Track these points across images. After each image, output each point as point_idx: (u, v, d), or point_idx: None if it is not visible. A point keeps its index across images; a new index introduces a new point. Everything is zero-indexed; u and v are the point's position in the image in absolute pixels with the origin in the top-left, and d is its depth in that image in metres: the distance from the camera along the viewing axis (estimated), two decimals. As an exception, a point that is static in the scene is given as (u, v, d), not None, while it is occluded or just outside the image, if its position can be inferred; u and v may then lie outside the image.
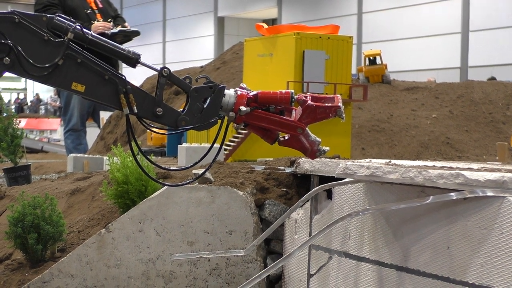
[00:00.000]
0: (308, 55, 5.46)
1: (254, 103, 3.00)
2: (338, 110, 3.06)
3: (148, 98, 2.95)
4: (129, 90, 2.91)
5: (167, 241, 4.18)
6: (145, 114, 2.96)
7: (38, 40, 2.86)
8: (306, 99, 3.04)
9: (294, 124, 3.03)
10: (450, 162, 4.27)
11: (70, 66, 2.88)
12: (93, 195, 4.88)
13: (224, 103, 2.99)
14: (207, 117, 2.98)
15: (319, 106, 3.05)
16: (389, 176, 3.28)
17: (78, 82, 2.90)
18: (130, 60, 2.95)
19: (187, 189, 4.22)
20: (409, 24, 23.88)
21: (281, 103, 3.03)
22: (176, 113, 2.97)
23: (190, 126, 2.98)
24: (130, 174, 4.31)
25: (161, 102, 2.95)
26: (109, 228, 4.14)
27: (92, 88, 2.91)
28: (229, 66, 10.46)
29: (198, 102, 2.97)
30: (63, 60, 2.86)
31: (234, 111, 2.97)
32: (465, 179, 2.98)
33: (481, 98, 8.20)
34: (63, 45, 2.86)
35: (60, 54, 2.86)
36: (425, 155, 6.85)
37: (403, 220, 3.34)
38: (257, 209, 4.37)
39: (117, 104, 2.93)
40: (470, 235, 3.00)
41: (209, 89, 2.98)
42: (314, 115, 3.06)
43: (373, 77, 9.16)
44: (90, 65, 2.89)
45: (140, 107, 2.94)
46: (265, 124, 3.02)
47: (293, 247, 4.14)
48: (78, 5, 8.10)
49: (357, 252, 3.66)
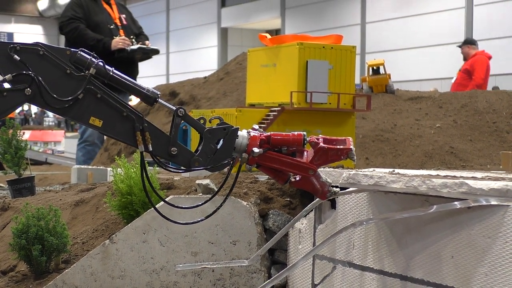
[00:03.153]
0: (311, 65, 5.47)
1: (266, 145, 3.06)
2: (350, 152, 3.14)
3: (163, 137, 3.00)
4: (146, 128, 2.96)
5: (171, 252, 4.18)
6: (160, 152, 3.00)
7: (61, 73, 2.90)
8: (318, 141, 3.11)
9: (306, 166, 3.09)
10: (454, 171, 4.27)
11: (90, 100, 2.92)
12: (97, 206, 4.89)
13: (237, 144, 3.04)
14: (220, 158, 3.04)
15: (331, 148, 3.12)
16: (393, 185, 3.28)
17: (96, 117, 2.93)
18: (149, 99, 3.00)
19: (191, 199, 4.22)
20: (413, 34, 23.92)
21: (293, 145, 3.09)
22: (190, 154, 3.02)
23: (203, 167, 3.03)
24: (134, 185, 4.32)
25: (176, 142, 3.01)
26: (113, 239, 4.14)
27: (110, 123, 2.95)
28: (233, 77, 10.48)
29: (212, 144, 3.02)
30: (83, 94, 2.90)
31: (247, 152, 3.03)
32: (469, 188, 2.98)
33: (485, 107, 8.20)
34: (85, 79, 2.90)
35: (82, 88, 2.89)
36: (429, 165, 6.85)
37: (407, 229, 3.34)
38: (261, 219, 4.37)
39: (132, 141, 2.98)
40: (474, 244, 3.00)
41: (223, 130, 3.03)
42: (325, 157, 3.13)
43: (376, 87, 9.17)
44: (110, 101, 2.93)
45: (155, 146, 2.98)
46: (277, 165, 3.08)
47: (297, 257, 4.14)
48: (102, 20, 8.21)
49: (361, 261, 3.65)
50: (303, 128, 5.56)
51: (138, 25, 8.62)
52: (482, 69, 11.79)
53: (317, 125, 5.60)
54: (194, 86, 10.93)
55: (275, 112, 5.42)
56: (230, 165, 3.09)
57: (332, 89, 5.53)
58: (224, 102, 9.60)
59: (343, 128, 5.68)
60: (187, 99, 10.52)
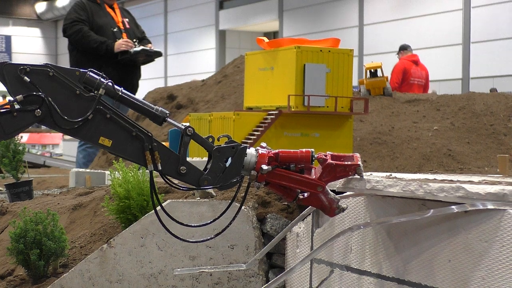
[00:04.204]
0: (309, 69, 5.47)
1: (274, 162, 3.08)
2: (358, 168, 3.19)
3: (172, 156, 3.03)
4: (155, 148, 2.99)
5: (169, 256, 4.19)
6: (169, 171, 3.04)
7: (70, 93, 2.93)
8: (326, 158, 3.14)
9: (314, 183, 3.12)
10: (451, 175, 4.28)
11: (100, 120, 2.95)
12: (95, 210, 4.89)
13: (245, 162, 3.08)
14: (229, 176, 3.08)
15: (339, 164, 3.16)
16: (390, 189, 3.29)
17: (105, 137, 2.96)
18: (158, 118, 3.04)
19: (188, 204, 4.23)
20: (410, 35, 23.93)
21: (302, 162, 3.13)
22: (199, 172, 3.06)
23: (212, 185, 3.07)
24: (132, 189, 4.33)
25: (185, 161, 3.04)
26: (111, 243, 4.15)
27: (119, 143, 2.98)
28: (231, 80, 10.49)
29: (221, 162, 3.06)
30: (93, 115, 2.92)
31: (256, 170, 3.04)
32: (466, 192, 2.99)
33: (482, 109, 8.20)
34: (94, 100, 2.92)
35: (91, 108, 2.91)
36: (427, 167, 6.85)
37: (404, 233, 3.35)
38: (258, 223, 4.38)
39: (141, 160, 3.01)
40: (471, 248, 3.01)
41: (231, 149, 3.07)
42: (334, 174, 3.17)
43: (374, 89, 9.17)
44: (119, 121, 2.96)
45: (164, 165, 3.01)
46: (286, 182, 3.11)
47: (295, 261, 4.15)
48: (105, 23, 8.25)
49: (358, 265, 3.66)
50: (300, 132, 5.57)
51: (141, 29, 8.67)
52: (394, 73, 12.28)
53: (315, 129, 5.61)
54: (192, 89, 10.94)
55: (273, 116, 5.43)
56: (239, 183, 3.12)
57: (330, 93, 5.54)
58: (222, 105, 9.61)
59: (340, 131, 5.69)
60: (184, 102, 10.52)
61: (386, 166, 6.88)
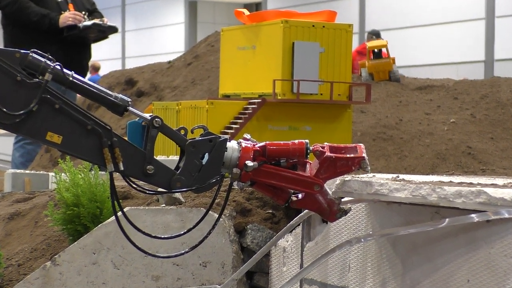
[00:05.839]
0: (298, 48, 5.49)
1: (261, 157, 3.07)
2: (363, 161, 3.19)
3: (137, 153, 3.02)
4: (115, 143, 2.99)
5: (127, 276, 4.19)
6: (133, 172, 3.03)
7: (9, 80, 2.90)
8: (324, 150, 3.13)
9: (310, 181, 3.12)
10: (471, 177, 4.31)
11: (47, 113, 2.93)
12: (36, 220, 4.89)
13: (226, 158, 3.08)
14: (206, 176, 3.07)
15: (339, 157, 3.15)
16: (397, 194, 3.31)
17: (54, 132, 2.95)
18: (118, 107, 3.03)
19: (151, 212, 4.24)
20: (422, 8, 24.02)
21: (294, 156, 3.13)
22: (170, 172, 3.05)
23: (186, 188, 3.06)
24: (82, 194, 4.33)
25: (153, 159, 3.03)
26: (56, 260, 4.15)
27: (71, 139, 2.96)
28: (203, 61, 10.49)
29: (196, 159, 3.06)
30: (38, 106, 2.89)
31: (239, 167, 3.04)
32: (488, 197, 3.02)
33: (509, 98, 8.27)
34: (39, 87, 2.89)
35: (36, 98, 2.88)
36: (441, 168, 6.90)
37: (414, 247, 3.38)
38: (237, 235, 4.39)
39: (99, 159, 3.00)
40: (494, 265, 3.04)
41: (209, 142, 3.06)
42: (333, 169, 3.16)
43: (378, 73, 9.22)
44: (70, 112, 2.94)
45: (127, 164, 3.00)
46: (276, 181, 3.11)
47: (281, 282, 4.17)
48: None
49: (358, 287, 3.69)
50: (288, 125, 5.59)
51: (91, 0, 8.64)
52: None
53: (306, 121, 5.63)
54: (156, 72, 10.92)
55: (255, 105, 5.44)
56: (219, 184, 3.11)
57: (324, 77, 5.56)
58: (192, 93, 9.61)
59: (337, 124, 5.71)
60: (147, 88, 10.51)
61: (393, 167, 6.92)
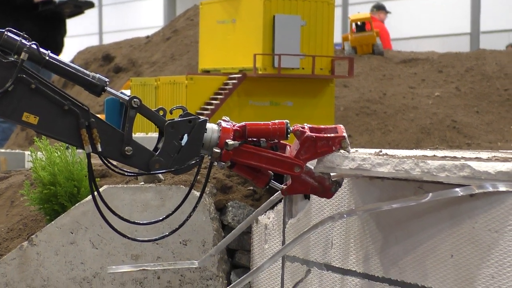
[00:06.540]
0: (279, 21, 5.48)
1: (241, 138, 3.09)
2: (343, 141, 3.24)
3: (115, 134, 3.04)
4: (93, 124, 3.00)
5: (106, 255, 4.20)
6: (111, 153, 3.06)
7: None
8: (304, 130, 3.14)
9: (290, 161, 3.16)
10: (456, 151, 4.32)
11: (23, 93, 2.94)
12: (12, 199, 4.88)
13: (206, 139, 3.11)
14: (186, 157, 3.11)
15: (320, 137, 3.19)
16: (379, 169, 3.32)
17: (30, 113, 2.96)
18: (95, 87, 3.04)
19: (130, 191, 4.24)
20: (407, -21, 23.96)
21: (274, 136, 3.17)
22: (149, 154, 3.08)
23: (165, 169, 3.09)
24: (59, 173, 4.32)
25: (131, 140, 3.05)
26: (32, 240, 4.15)
27: (48, 120, 2.98)
28: (182, 36, 10.45)
29: (175, 140, 3.09)
30: (13, 85, 2.90)
31: (220, 146, 3.05)
32: (472, 171, 3.02)
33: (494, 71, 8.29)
34: (15, 67, 2.91)
35: (12, 78, 2.89)
36: (426, 143, 6.93)
37: (397, 223, 3.39)
38: (217, 213, 4.40)
39: (76, 140, 3.02)
40: (478, 240, 3.06)
41: (188, 123, 3.09)
42: (314, 149, 3.20)
43: (361, 47, 9.21)
44: (47, 92, 2.96)
45: (105, 145, 3.03)
46: (256, 162, 3.14)
47: (262, 259, 4.18)
48: None
49: (341, 263, 3.70)
50: (269, 100, 5.59)
51: None
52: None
53: (287, 96, 5.63)
54: (134, 48, 10.88)
55: (235, 80, 5.44)
56: (198, 165, 3.13)
57: (306, 51, 5.56)
58: (171, 68, 9.58)
59: (319, 99, 5.72)
60: (124, 64, 10.48)
61: (376, 142, 6.94)
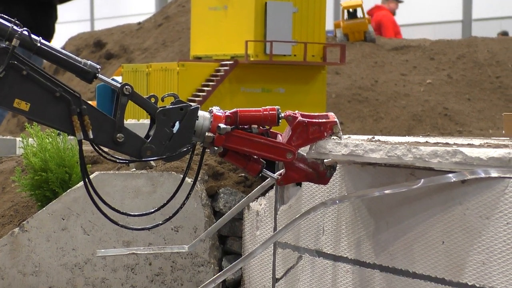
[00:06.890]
0: (271, 8, 5.48)
1: (233, 124, 3.11)
2: (335, 126, 3.26)
3: (106, 121, 3.05)
4: (84, 111, 3.01)
5: (97, 241, 4.20)
6: (102, 140, 3.07)
7: None
8: (296, 116, 3.15)
9: (282, 147, 3.17)
10: (448, 137, 4.34)
11: (14, 79, 2.94)
12: (4, 186, 4.88)
13: (197, 127, 3.12)
14: (177, 145, 3.12)
15: (312, 122, 3.20)
16: (372, 155, 3.32)
17: (22, 99, 2.97)
18: (87, 74, 3.04)
19: (122, 177, 4.24)
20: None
21: (266, 122, 3.19)
22: (140, 141, 3.10)
23: (157, 156, 3.10)
24: (50, 159, 4.32)
25: (123, 127, 3.06)
26: (24, 226, 4.15)
27: (39, 107, 2.98)
28: (174, 23, 10.44)
29: (167, 127, 3.10)
30: (5, 72, 2.91)
31: (212, 131, 3.07)
32: (464, 157, 3.03)
33: (486, 58, 8.30)
34: (6, 53, 2.91)
35: (3, 64, 2.90)
36: (418, 130, 6.94)
37: (389, 209, 3.40)
38: (209, 199, 4.40)
39: (68, 127, 3.02)
40: (469, 226, 3.07)
41: (179, 110, 3.10)
42: (306, 135, 3.21)
43: (353, 34, 9.21)
44: (38, 79, 2.96)
45: (96, 132, 3.04)
46: (247, 148, 3.16)
47: (254, 246, 4.19)
48: None
49: (333, 250, 3.71)
50: (261, 87, 5.59)
51: None
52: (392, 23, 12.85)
53: (279, 83, 5.63)
54: (126, 34, 10.87)
55: (227, 67, 5.43)
56: (189, 152, 3.14)
57: (298, 38, 5.56)
58: (163, 55, 9.57)
59: (311, 86, 5.72)
60: (116, 50, 10.46)
61: (368, 129, 6.95)
